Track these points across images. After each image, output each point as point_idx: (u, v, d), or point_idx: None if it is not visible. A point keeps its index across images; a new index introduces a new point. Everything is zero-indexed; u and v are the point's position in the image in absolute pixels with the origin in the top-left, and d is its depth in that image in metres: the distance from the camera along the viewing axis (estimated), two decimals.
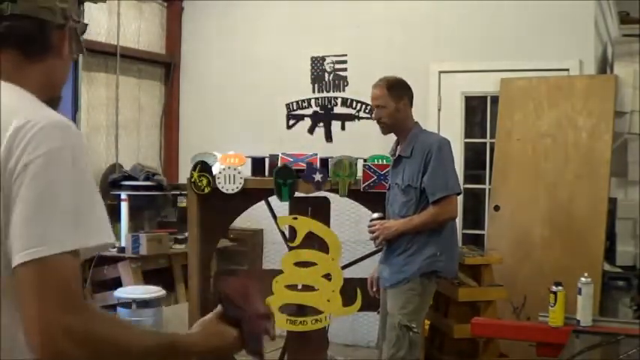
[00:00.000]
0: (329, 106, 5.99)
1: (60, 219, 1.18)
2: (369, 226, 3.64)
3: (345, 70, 5.92)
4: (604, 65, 5.43)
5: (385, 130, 3.71)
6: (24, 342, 1.19)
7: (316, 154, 4.15)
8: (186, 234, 4.32)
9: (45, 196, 1.17)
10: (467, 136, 5.52)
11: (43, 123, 1.21)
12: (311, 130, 6.04)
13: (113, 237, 1.26)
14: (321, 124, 6.01)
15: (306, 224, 4.06)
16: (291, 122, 6.09)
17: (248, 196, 4.09)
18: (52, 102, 1.37)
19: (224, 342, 1.41)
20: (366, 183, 3.99)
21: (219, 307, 1.44)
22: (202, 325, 1.42)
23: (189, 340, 1.38)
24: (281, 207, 4.24)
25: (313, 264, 4.05)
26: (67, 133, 1.23)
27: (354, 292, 4.08)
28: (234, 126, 6.13)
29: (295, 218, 4.10)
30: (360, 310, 4.17)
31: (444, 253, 3.51)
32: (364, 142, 5.45)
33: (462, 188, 3.72)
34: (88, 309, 1.22)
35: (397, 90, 3.63)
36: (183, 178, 5.06)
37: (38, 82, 1.36)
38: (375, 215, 3.66)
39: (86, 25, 1.53)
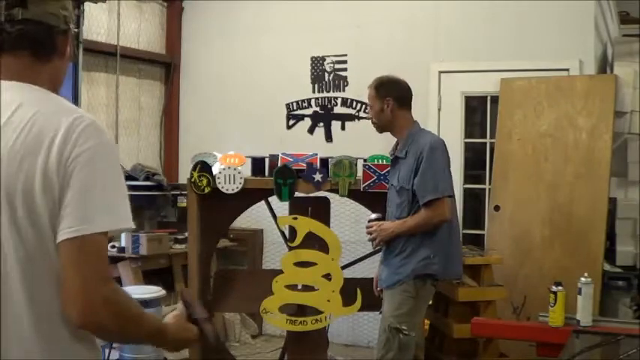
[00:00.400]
0: (329, 106, 5.99)
1: (101, 204, 1.40)
2: (367, 227, 3.64)
3: (345, 70, 5.92)
4: (604, 65, 5.43)
5: (377, 129, 3.75)
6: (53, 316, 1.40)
7: (316, 154, 4.15)
8: (186, 234, 4.32)
9: (90, 185, 1.40)
10: (467, 136, 5.52)
11: (88, 121, 1.44)
12: (311, 130, 6.04)
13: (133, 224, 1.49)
14: (321, 124, 6.01)
15: (306, 224, 4.05)
16: (291, 122, 6.09)
17: (248, 196, 4.09)
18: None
19: (193, 336, 1.62)
20: (366, 183, 3.99)
21: (181, 308, 1.66)
22: (175, 319, 1.63)
23: (170, 329, 1.59)
24: (281, 207, 4.24)
25: (313, 264, 4.05)
26: (103, 131, 1.47)
27: (354, 292, 4.08)
28: (234, 126, 6.14)
29: (295, 218, 4.09)
30: (360, 310, 4.16)
31: (437, 255, 3.47)
32: (364, 142, 5.43)
33: (454, 190, 3.63)
34: (116, 284, 1.43)
35: (382, 90, 3.63)
36: (183, 178, 5.05)
37: (47, 81, 1.54)
38: (374, 216, 3.66)
39: (78, 32, 1.68)
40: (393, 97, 3.60)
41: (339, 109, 5.95)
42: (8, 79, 1.49)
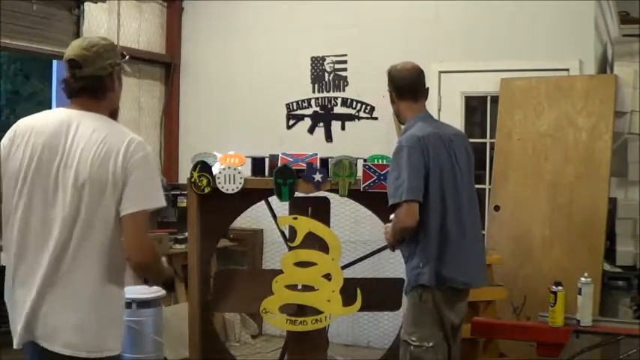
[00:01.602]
0: (329, 106, 5.99)
1: (151, 190, 2.33)
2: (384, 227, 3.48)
3: (345, 70, 5.92)
4: (604, 65, 5.43)
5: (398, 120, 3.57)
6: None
7: (316, 154, 4.14)
8: (186, 234, 4.32)
9: (144, 179, 2.31)
10: (467, 136, 5.51)
11: (138, 140, 2.34)
12: (311, 130, 6.04)
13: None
14: (321, 124, 6.01)
15: (306, 224, 4.05)
16: (291, 122, 6.09)
17: (248, 196, 4.08)
18: (114, 114, 2.47)
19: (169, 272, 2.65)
20: (366, 183, 3.99)
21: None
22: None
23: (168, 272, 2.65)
24: (281, 207, 4.24)
25: (313, 264, 4.04)
26: (147, 147, 2.36)
27: (354, 292, 4.07)
28: (234, 126, 6.14)
29: (295, 218, 4.08)
30: (360, 310, 4.15)
31: (427, 264, 3.18)
32: (364, 142, 5.45)
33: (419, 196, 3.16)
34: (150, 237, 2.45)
35: (388, 81, 3.49)
36: (183, 178, 5.06)
37: (105, 110, 2.42)
38: (392, 216, 3.38)
39: (126, 56, 2.54)
40: (391, 88, 3.45)
41: (339, 109, 5.95)
42: (80, 110, 2.37)
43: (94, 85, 2.37)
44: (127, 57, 2.52)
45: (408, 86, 3.41)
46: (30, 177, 2.30)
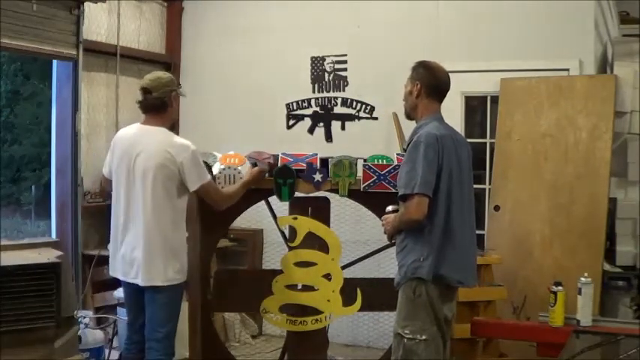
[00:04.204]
0: (329, 106, 5.99)
1: (203, 172, 3.66)
2: (382, 219, 3.50)
3: (345, 70, 5.92)
4: (604, 65, 5.43)
5: (404, 113, 3.55)
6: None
7: (316, 154, 4.14)
8: (187, 234, 4.31)
9: (195, 166, 3.61)
10: (467, 136, 5.48)
11: (181, 141, 3.63)
12: (311, 130, 6.04)
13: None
14: (321, 124, 6.01)
15: (306, 224, 4.05)
16: (291, 122, 6.09)
17: (248, 196, 4.08)
18: (173, 126, 4.06)
19: (255, 172, 3.94)
20: (366, 183, 3.99)
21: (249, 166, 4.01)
22: (247, 173, 3.94)
23: (245, 180, 3.89)
24: (281, 207, 4.24)
25: (313, 264, 4.05)
26: (189, 146, 3.61)
27: (354, 292, 4.08)
28: (234, 126, 6.13)
29: (295, 218, 4.09)
30: (360, 310, 4.16)
31: (427, 258, 3.20)
32: (364, 142, 5.46)
33: (429, 191, 3.18)
34: (223, 191, 3.84)
35: (416, 72, 3.44)
36: None
37: (167, 121, 3.71)
38: (390, 208, 3.45)
39: (179, 85, 3.90)
40: (423, 83, 3.40)
41: (339, 109, 5.96)
42: (148, 124, 3.67)
43: (158, 103, 3.63)
44: (181, 86, 3.87)
45: (441, 88, 3.45)
46: (119, 168, 3.64)
